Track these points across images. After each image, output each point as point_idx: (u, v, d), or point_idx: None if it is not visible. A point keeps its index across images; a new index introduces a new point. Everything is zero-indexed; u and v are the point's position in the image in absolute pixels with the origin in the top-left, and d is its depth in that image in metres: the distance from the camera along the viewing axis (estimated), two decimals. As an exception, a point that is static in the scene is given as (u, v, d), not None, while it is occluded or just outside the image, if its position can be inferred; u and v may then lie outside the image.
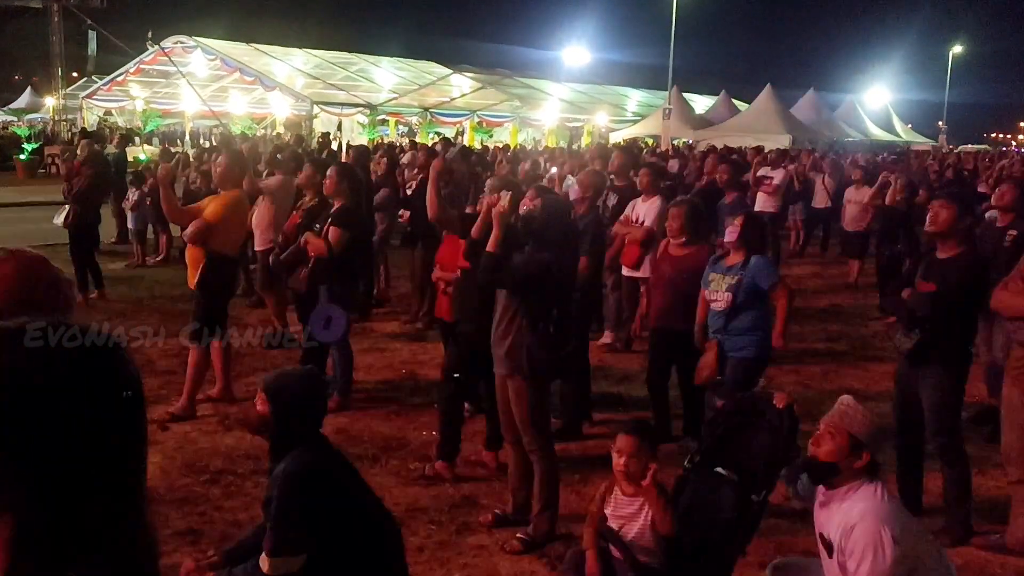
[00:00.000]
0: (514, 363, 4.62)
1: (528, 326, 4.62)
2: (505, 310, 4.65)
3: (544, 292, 4.62)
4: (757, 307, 5.46)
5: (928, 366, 4.84)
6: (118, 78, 38.50)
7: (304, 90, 37.78)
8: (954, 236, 4.85)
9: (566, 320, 4.80)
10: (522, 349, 4.61)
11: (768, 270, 5.50)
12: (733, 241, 5.55)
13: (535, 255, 4.59)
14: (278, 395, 3.33)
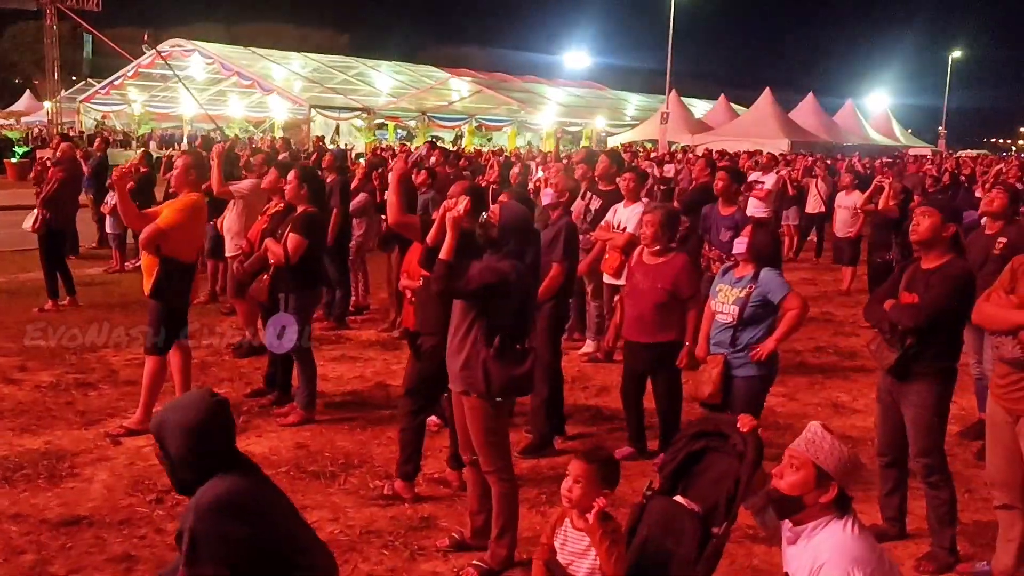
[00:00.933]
0: (469, 379, 4.32)
1: (485, 340, 4.32)
2: (460, 322, 4.35)
3: (502, 303, 4.32)
4: (766, 322, 5.15)
5: (911, 382, 4.54)
6: (115, 81, 38.36)
7: (302, 94, 37.58)
8: (938, 245, 4.54)
9: (526, 334, 4.50)
10: (478, 364, 4.31)
11: (779, 282, 5.17)
12: (743, 253, 5.25)
13: (493, 264, 4.30)
14: (161, 433, 3.03)
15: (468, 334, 4.34)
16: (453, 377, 4.40)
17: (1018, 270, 4.20)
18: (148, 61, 36.95)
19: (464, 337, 4.35)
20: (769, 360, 5.11)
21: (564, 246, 5.99)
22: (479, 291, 4.26)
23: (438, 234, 4.36)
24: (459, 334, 4.36)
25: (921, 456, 4.58)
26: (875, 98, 52.31)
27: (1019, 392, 4.10)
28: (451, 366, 4.39)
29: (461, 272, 4.21)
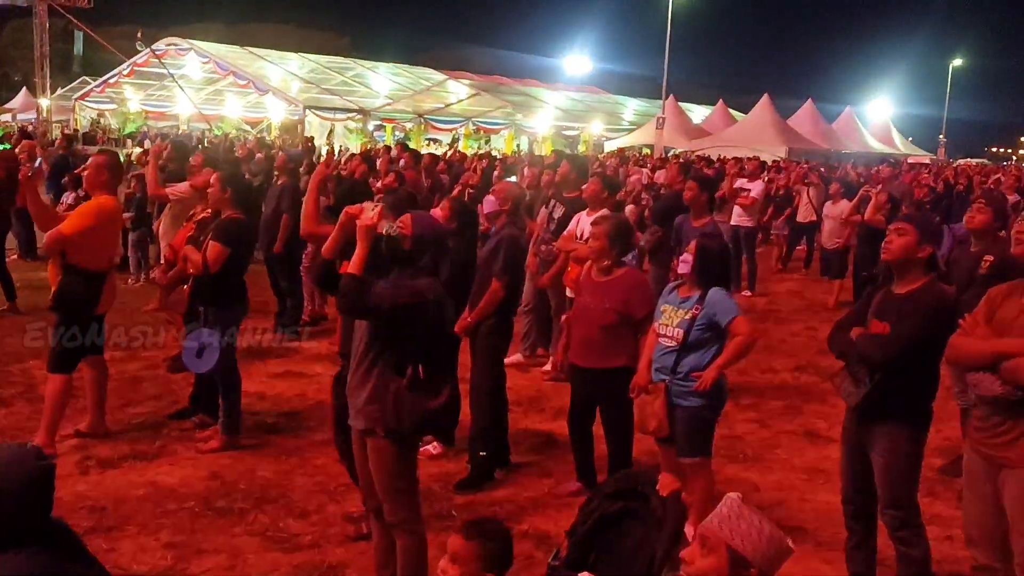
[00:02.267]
0: (376, 415, 3.75)
1: (395, 369, 3.75)
2: (366, 349, 3.78)
3: (417, 327, 3.75)
4: (712, 347, 4.58)
5: (880, 423, 3.96)
6: (111, 80, 37.79)
7: (299, 95, 37.01)
8: (913, 267, 3.96)
9: (443, 362, 3.94)
10: (388, 397, 3.74)
11: (727, 304, 4.60)
12: (687, 272, 4.67)
13: (406, 282, 3.72)
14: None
15: (375, 363, 3.76)
16: (355, 413, 3.82)
17: (995, 299, 3.62)
18: (144, 59, 36.40)
19: (370, 367, 3.77)
20: (715, 389, 4.53)
21: (505, 259, 5.41)
22: (392, 312, 3.69)
23: (336, 245, 3.78)
24: (364, 363, 3.79)
25: (890, 507, 3.99)
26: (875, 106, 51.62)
27: (1001, 437, 3.50)
28: (353, 401, 3.82)
29: (365, 290, 3.64)
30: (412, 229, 3.74)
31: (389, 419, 3.75)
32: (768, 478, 5.82)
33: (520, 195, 5.76)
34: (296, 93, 37.41)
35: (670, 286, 4.83)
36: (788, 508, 5.33)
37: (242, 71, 36.51)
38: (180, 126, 40.62)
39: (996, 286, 3.72)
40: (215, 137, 29.55)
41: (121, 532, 4.59)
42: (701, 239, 4.78)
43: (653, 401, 4.68)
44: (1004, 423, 3.48)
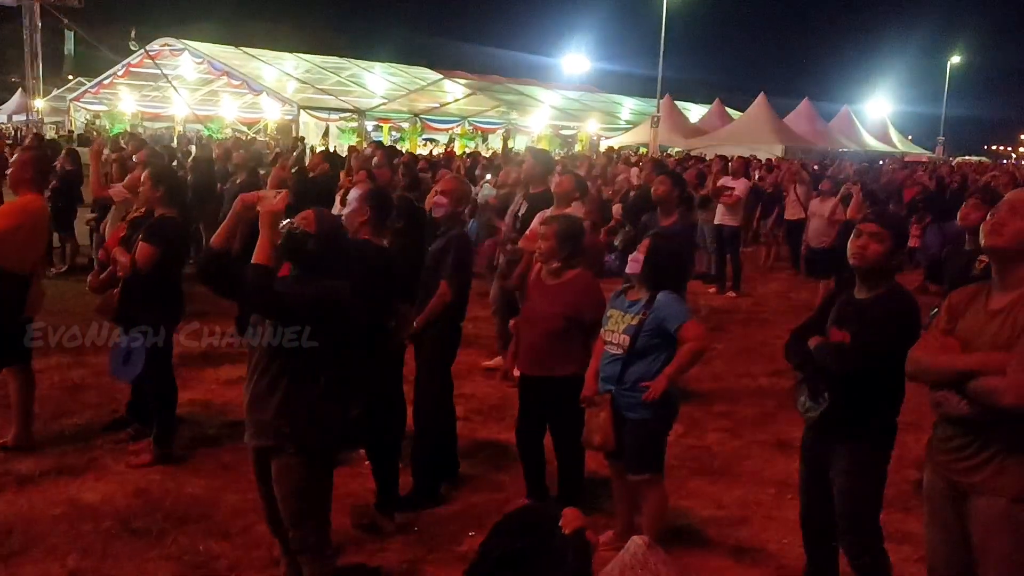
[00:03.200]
0: (284, 432, 3.40)
1: (308, 378, 3.40)
2: (271, 356, 3.42)
3: (332, 331, 3.41)
4: (662, 354, 4.20)
5: (840, 440, 3.59)
6: (105, 80, 37.46)
7: (295, 95, 36.68)
8: (882, 273, 3.60)
9: (354, 372, 3.58)
10: (298, 411, 3.39)
11: (677, 308, 4.22)
12: (636, 272, 4.30)
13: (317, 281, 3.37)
14: None
15: (283, 372, 3.41)
16: (258, 428, 3.46)
17: (957, 305, 3.25)
18: (138, 60, 36.09)
19: (277, 376, 3.42)
20: (665, 400, 4.16)
21: (454, 261, 5.03)
22: (310, 311, 3.35)
23: (227, 234, 3.39)
24: (269, 372, 3.44)
25: (849, 532, 3.63)
26: (873, 104, 51.17)
27: (967, 461, 3.11)
28: (254, 414, 3.46)
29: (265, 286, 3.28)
30: (316, 226, 3.39)
31: (301, 433, 3.40)
32: (733, 493, 5.44)
33: (465, 192, 5.38)
34: (291, 93, 37.10)
35: (618, 289, 4.46)
36: (751, 526, 4.96)
37: (236, 71, 36.19)
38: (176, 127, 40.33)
39: (957, 290, 3.34)
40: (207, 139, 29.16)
41: (24, 557, 4.22)
42: (653, 238, 4.40)
43: (598, 413, 4.32)
44: (971, 445, 3.09)
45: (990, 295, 3.15)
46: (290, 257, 3.38)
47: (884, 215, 3.79)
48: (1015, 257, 3.05)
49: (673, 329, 4.16)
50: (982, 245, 3.16)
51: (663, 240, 4.39)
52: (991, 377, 2.95)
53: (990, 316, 3.09)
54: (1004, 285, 3.10)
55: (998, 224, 3.05)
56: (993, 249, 3.09)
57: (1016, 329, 2.97)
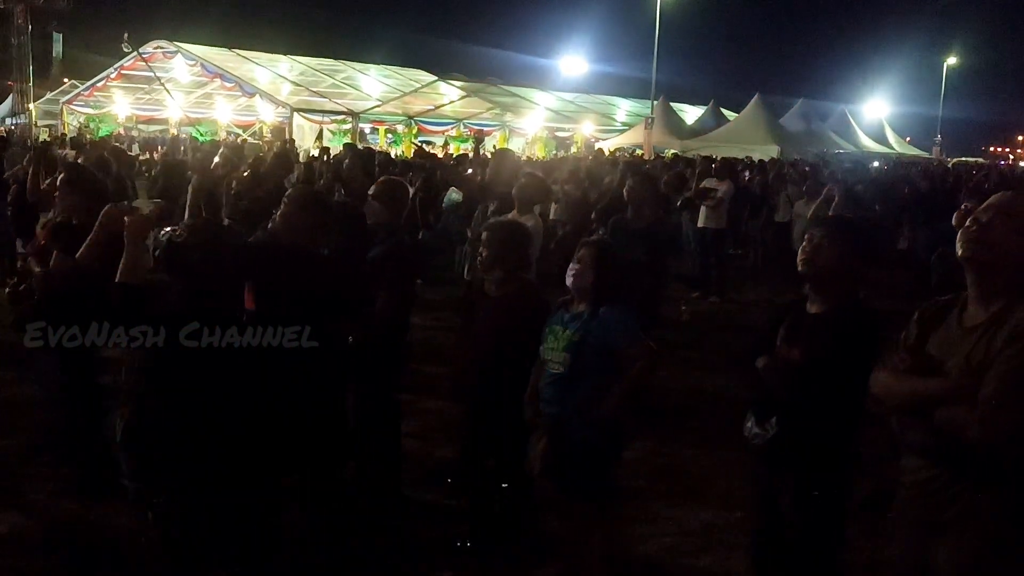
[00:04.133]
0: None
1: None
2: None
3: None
4: (608, 374, 3.81)
5: (792, 471, 3.22)
6: (98, 83, 37.11)
7: (289, 97, 36.37)
8: (834, 283, 3.22)
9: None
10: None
11: (623, 323, 3.84)
12: (577, 284, 3.92)
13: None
14: None
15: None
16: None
17: (927, 319, 2.87)
18: (130, 63, 35.78)
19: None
20: (613, 423, 3.78)
21: (393, 270, 4.65)
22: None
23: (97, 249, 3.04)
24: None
25: (802, 572, 3.24)
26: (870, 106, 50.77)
27: (936, 496, 2.74)
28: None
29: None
30: (198, 235, 3.02)
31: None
32: (699, 516, 5.06)
33: (405, 193, 4.99)
34: (286, 96, 36.81)
35: (558, 302, 4.07)
36: (713, 554, 4.59)
37: (229, 74, 35.89)
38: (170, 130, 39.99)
39: (929, 301, 2.96)
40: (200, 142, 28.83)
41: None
42: (595, 244, 4.02)
43: (539, 439, 3.94)
44: (939, 478, 2.72)
45: (965, 309, 2.78)
46: (168, 269, 3.01)
47: (838, 218, 3.40)
48: (996, 269, 2.68)
49: (619, 346, 3.78)
50: (959, 254, 2.77)
51: (605, 248, 4.01)
52: (960, 407, 2.58)
53: (964, 333, 2.72)
54: (981, 298, 2.73)
55: (982, 232, 2.68)
56: (973, 261, 2.71)
57: (992, 351, 2.60)
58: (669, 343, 8.89)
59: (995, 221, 2.65)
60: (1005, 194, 2.76)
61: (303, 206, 4.22)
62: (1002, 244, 2.63)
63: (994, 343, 2.59)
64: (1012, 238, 2.62)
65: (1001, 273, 2.66)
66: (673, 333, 9.17)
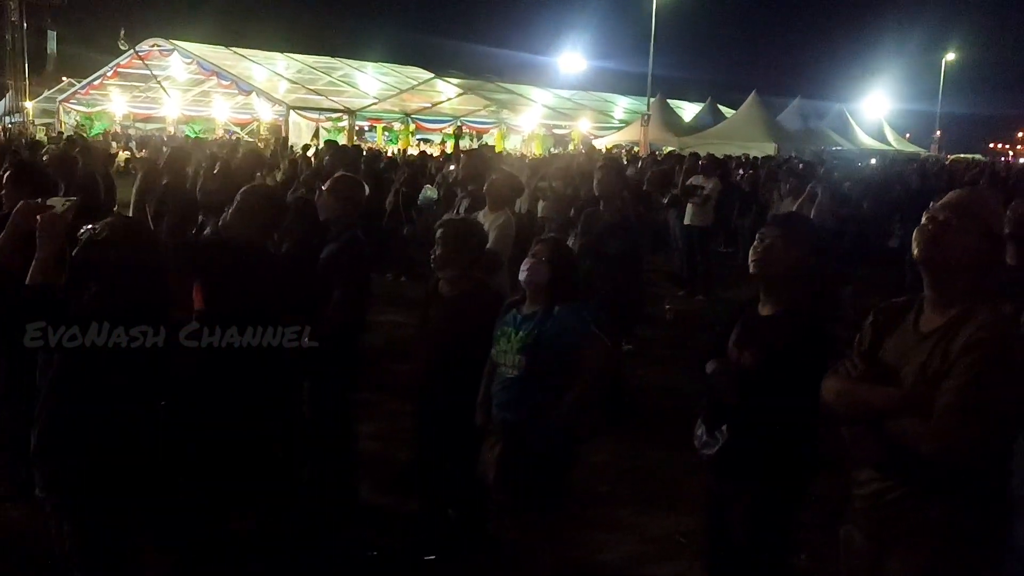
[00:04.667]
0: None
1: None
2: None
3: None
4: (563, 377, 3.64)
5: (742, 482, 3.05)
6: (95, 81, 36.98)
7: (286, 95, 36.20)
8: (787, 283, 3.05)
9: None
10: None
11: (579, 323, 3.66)
12: (530, 280, 3.75)
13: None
14: None
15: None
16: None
17: (882, 321, 2.70)
18: (127, 61, 35.65)
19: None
20: (568, 432, 3.62)
21: (347, 268, 4.48)
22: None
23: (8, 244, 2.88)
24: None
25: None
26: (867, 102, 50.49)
27: (886, 510, 2.58)
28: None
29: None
30: (119, 234, 2.86)
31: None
32: (663, 523, 4.88)
33: (356, 192, 4.82)
34: (283, 94, 36.65)
35: (507, 302, 3.90)
36: (676, 564, 4.42)
37: (226, 72, 35.73)
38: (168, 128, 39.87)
39: (885, 303, 2.80)
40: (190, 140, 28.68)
41: None
42: (550, 241, 3.86)
43: (493, 445, 3.78)
44: (891, 491, 2.56)
45: (922, 312, 2.61)
46: (84, 271, 2.85)
47: (791, 216, 3.23)
48: (953, 271, 2.51)
49: (574, 346, 3.61)
50: (914, 255, 2.61)
51: (560, 245, 3.85)
52: (913, 419, 2.42)
53: (920, 339, 2.56)
54: (938, 302, 2.56)
55: (938, 232, 2.51)
56: (929, 262, 2.54)
57: (948, 360, 2.43)
58: (652, 342, 8.73)
59: (952, 220, 2.49)
60: (962, 192, 2.60)
61: (254, 203, 4.06)
62: (959, 245, 2.47)
63: (950, 351, 2.43)
64: (969, 239, 2.46)
65: (959, 275, 2.50)
66: (656, 332, 8.99)
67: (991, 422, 2.33)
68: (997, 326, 2.39)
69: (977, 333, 2.38)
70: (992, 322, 2.40)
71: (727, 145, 29.45)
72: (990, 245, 2.48)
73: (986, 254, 2.48)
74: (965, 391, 2.33)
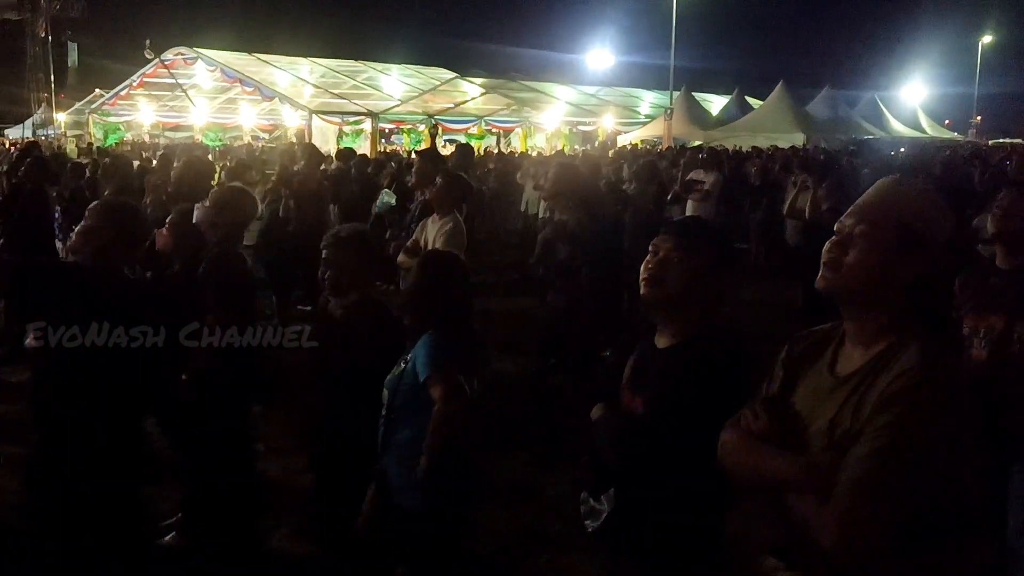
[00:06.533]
0: None
1: None
2: None
3: None
4: (415, 421, 3.01)
5: (635, 559, 2.39)
6: (121, 92, 37.02)
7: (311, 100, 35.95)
8: (686, 308, 2.38)
9: None
10: None
11: (432, 351, 3.01)
12: (402, 300, 3.14)
13: None
14: None
15: None
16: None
17: (796, 358, 2.04)
18: (152, 70, 35.68)
19: None
20: (440, 485, 2.97)
21: (216, 289, 3.87)
22: None
23: None
24: None
25: None
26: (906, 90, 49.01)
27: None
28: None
29: None
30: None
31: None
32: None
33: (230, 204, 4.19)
34: (307, 99, 36.44)
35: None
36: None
37: (249, 78, 35.57)
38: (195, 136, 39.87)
39: (800, 334, 2.12)
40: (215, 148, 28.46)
41: None
42: (426, 253, 3.22)
43: (369, 493, 3.16)
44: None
45: (841, 348, 1.95)
46: None
47: (689, 222, 2.53)
48: (871, 296, 1.85)
49: (420, 380, 2.97)
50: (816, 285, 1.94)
51: (430, 260, 3.20)
52: (812, 500, 1.75)
53: (834, 384, 1.90)
54: (858, 335, 1.91)
55: (839, 248, 1.87)
56: (833, 291, 1.89)
57: (861, 415, 1.77)
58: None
59: (862, 229, 1.83)
60: (871, 194, 1.93)
61: (102, 217, 3.47)
62: (871, 261, 1.80)
63: (864, 404, 1.77)
64: (884, 251, 1.80)
65: (878, 301, 1.84)
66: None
67: (907, 504, 1.65)
68: (925, 370, 1.71)
69: (898, 381, 1.72)
70: (919, 365, 1.72)
71: (754, 137, 28.51)
72: (920, 255, 1.81)
73: (913, 267, 1.81)
74: (875, 463, 1.66)
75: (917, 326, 1.82)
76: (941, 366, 1.74)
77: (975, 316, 3.45)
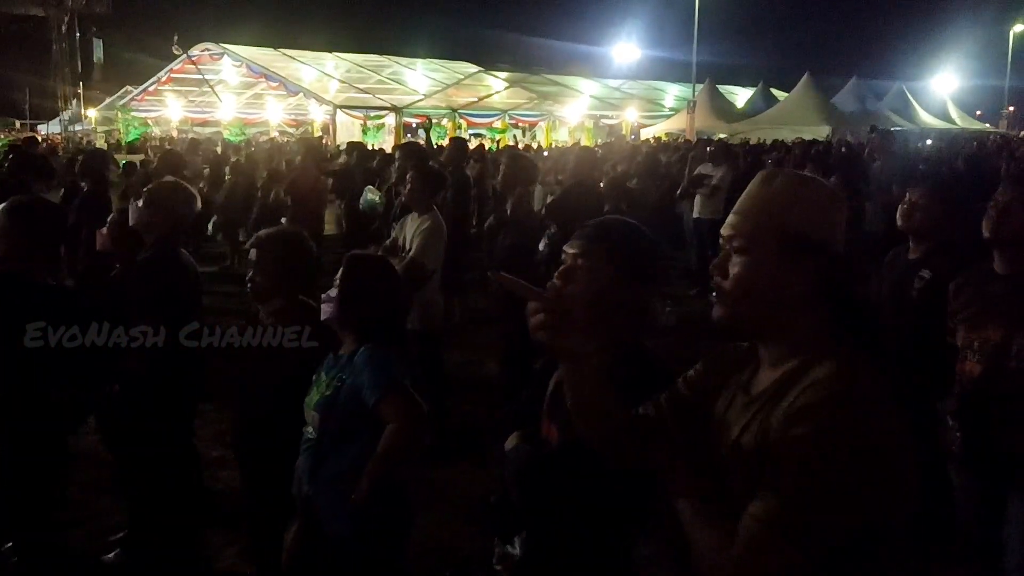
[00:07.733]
0: None
1: None
2: None
3: None
4: (365, 439, 2.70)
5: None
6: (149, 88, 37.18)
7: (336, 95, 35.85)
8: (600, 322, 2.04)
9: None
10: None
11: (379, 368, 2.70)
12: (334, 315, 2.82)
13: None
14: None
15: None
16: None
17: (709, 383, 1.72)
18: (179, 66, 35.81)
19: None
20: (376, 513, 2.67)
21: (146, 295, 3.59)
22: None
23: None
24: None
25: None
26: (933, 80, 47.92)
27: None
28: None
29: None
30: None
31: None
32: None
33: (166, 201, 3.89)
34: (333, 94, 36.36)
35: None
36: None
37: (275, 74, 35.55)
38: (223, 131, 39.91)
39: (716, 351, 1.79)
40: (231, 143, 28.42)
41: None
42: (348, 259, 2.89)
43: (292, 528, 2.86)
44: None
45: (760, 366, 1.62)
46: None
47: (603, 224, 2.17)
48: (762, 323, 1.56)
49: (370, 403, 2.66)
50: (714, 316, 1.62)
51: (358, 264, 2.88)
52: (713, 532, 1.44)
53: (745, 405, 1.58)
54: (767, 360, 1.61)
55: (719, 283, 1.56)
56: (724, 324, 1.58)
57: (768, 433, 1.44)
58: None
59: (750, 232, 1.52)
60: (743, 198, 1.60)
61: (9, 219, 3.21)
62: (745, 282, 1.50)
63: (768, 426, 1.45)
64: (752, 272, 1.49)
65: (774, 323, 1.52)
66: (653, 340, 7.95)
67: (816, 541, 1.32)
68: (834, 384, 1.38)
69: (801, 398, 1.39)
70: (828, 378, 1.40)
71: (780, 130, 27.93)
72: (809, 261, 1.48)
73: (804, 276, 1.48)
74: (776, 495, 1.34)
75: (835, 342, 1.49)
76: (857, 377, 1.40)
77: (969, 326, 3.09)
